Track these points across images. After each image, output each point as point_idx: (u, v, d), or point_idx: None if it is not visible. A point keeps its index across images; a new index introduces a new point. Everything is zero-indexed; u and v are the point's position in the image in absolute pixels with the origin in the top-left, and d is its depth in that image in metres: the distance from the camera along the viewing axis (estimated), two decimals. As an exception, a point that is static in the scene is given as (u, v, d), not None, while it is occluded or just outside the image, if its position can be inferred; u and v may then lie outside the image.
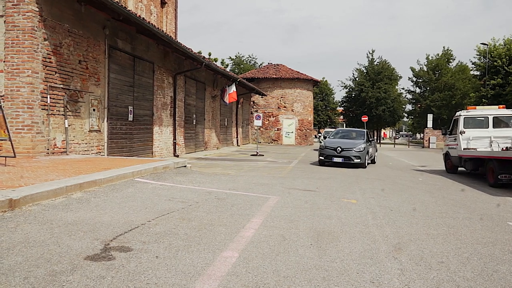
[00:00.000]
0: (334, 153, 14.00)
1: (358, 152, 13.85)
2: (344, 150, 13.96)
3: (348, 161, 13.76)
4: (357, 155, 13.76)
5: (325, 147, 14.46)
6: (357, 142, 14.51)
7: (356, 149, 13.96)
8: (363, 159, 13.89)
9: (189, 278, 2.92)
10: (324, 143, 14.88)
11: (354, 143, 14.47)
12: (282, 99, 33.77)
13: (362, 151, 13.94)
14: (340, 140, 15.29)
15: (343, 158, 13.79)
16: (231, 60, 57.17)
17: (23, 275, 2.77)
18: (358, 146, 14.08)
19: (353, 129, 19.87)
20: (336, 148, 14.11)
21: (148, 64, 13.90)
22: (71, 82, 9.76)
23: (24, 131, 8.51)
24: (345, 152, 13.89)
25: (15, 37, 8.55)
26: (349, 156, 13.76)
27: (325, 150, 14.37)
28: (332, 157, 13.98)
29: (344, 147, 14.07)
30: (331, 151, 14.16)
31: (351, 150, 13.93)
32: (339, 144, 14.34)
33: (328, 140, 15.45)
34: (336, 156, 13.93)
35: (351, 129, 20.16)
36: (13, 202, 4.44)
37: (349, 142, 14.61)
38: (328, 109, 59.42)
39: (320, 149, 14.70)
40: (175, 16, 22.97)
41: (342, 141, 15.02)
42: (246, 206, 5.78)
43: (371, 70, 51.34)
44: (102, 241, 3.61)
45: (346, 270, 3.32)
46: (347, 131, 17.70)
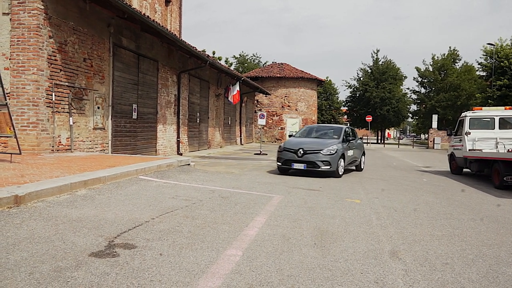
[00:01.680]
0: (294, 157, 10.35)
1: (327, 156, 10.25)
2: (307, 153, 10.33)
3: (312, 167, 10.24)
4: (325, 159, 10.19)
5: (283, 149, 10.71)
6: (327, 142, 10.90)
7: (324, 151, 10.32)
8: (335, 165, 10.25)
9: (193, 275, 2.92)
10: (283, 144, 11.21)
11: (323, 143, 10.88)
12: (286, 98, 33.75)
13: (333, 155, 10.31)
14: (305, 139, 11.63)
15: (305, 164, 10.23)
16: (235, 59, 57.16)
17: (29, 270, 2.78)
18: (327, 148, 10.41)
19: (329, 125, 16.52)
20: (297, 150, 10.40)
21: (152, 62, 13.92)
22: (76, 79, 9.79)
23: (29, 129, 8.55)
24: (308, 155, 10.30)
25: (20, 34, 8.59)
26: (314, 161, 10.19)
27: (283, 154, 10.65)
28: (292, 163, 10.33)
29: (307, 148, 10.43)
30: (290, 154, 10.46)
31: (318, 153, 10.31)
32: (302, 145, 10.67)
33: (289, 140, 11.84)
34: (296, 161, 10.32)
35: (326, 125, 15.62)
36: (19, 199, 4.47)
37: (316, 142, 11.05)
38: (332, 108, 59.32)
39: (278, 152, 10.93)
40: (179, 15, 23.01)
41: (308, 140, 11.40)
42: (249, 204, 5.78)
43: (376, 69, 51.19)
44: (106, 238, 3.62)
45: (350, 270, 3.31)
46: (321, 128, 13.38)
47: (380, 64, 52.08)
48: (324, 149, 10.41)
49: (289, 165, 10.42)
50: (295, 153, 10.44)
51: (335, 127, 13.14)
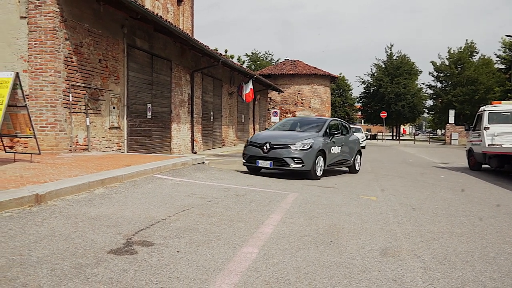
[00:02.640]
0: (259, 153, 8.80)
1: (300, 152, 8.58)
2: (274, 147, 8.71)
3: (280, 165, 8.67)
4: (296, 156, 8.53)
5: (250, 144, 9.31)
6: (301, 136, 9.19)
7: (296, 146, 8.65)
8: (309, 164, 8.57)
9: (210, 272, 2.94)
10: (250, 138, 9.84)
11: (296, 136, 9.18)
12: (299, 95, 33.64)
13: (306, 150, 8.63)
14: (278, 132, 9.96)
15: (271, 161, 8.67)
16: (247, 57, 57.24)
17: (50, 267, 2.84)
18: (300, 142, 8.73)
19: (316, 117, 13.69)
20: (262, 145, 8.83)
21: (165, 62, 14.02)
22: (91, 80, 9.93)
23: (48, 129, 8.71)
24: (276, 151, 8.68)
25: (37, 37, 8.75)
26: (282, 157, 8.58)
27: (247, 149, 9.24)
28: (257, 160, 8.84)
29: (276, 142, 8.80)
30: (255, 149, 8.97)
31: (287, 147, 8.66)
32: (271, 138, 9.07)
33: (259, 133, 10.62)
34: (261, 157, 8.77)
35: (312, 117, 13.30)
36: (39, 197, 4.56)
37: (288, 136, 9.34)
38: (346, 105, 58.96)
39: (244, 147, 9.61)
40: (191, 14, 23.12)
41: (279, 134, 9.75)
42: (264, 202, 5.79)
43: (390, 65, 50.70)
44: (124, 236, 3.67)
45: (367, 267, 3.29)
46: (305, 120, 11.34)
47: (395, 59, 51.56)
48: (296, 143, 8.67)
49: (254, 162, 8.84)
50: (261, 148, 8.79)
51: (318, 119, 11.17)
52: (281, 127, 10.69)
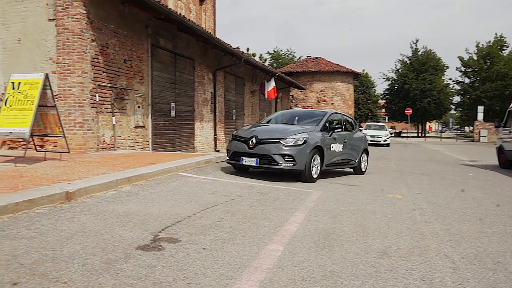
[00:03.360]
0: (244, 149, 7.65)
1: (291, 148, 7.36)
2: (261, 142, 7.52)
3: (267, 164, 7.42)
4: (286, 153, 7.32)
5: (234, 138, 8.19)
6: (295, 130, 7.91)
7: (287, 140, 7.43)
8: (302, 163, 7.36)
9: (235, 269, 2.97)
10: (236, 132, 8.67)
11: (288, 130, 7.88)
12: (321, 92, 33.38)
13: (299, 146, 7.40)
14: (268, 126, 8.71)
15: (258, 158, 7.45)
16: (269, 54, 57.12)
17: (81, 262, 2.93)
18: (292, 136, 7.52)
19: (313, 110, 12.03)
20: (248, 139, 7.68)
21: (188, 61, 14.17)
22: (117, 80, 10.14)
23: (76, 128, 8.95)
24: (263, 146, 7.47)
25: (65, 39, 8.99)
26: (269, 154, 7.37)
27: (232, 144, 8.11)
28: (241, 157, 7.68)
29: (263, 137, 7.62)
30: (240, 145, 7.82)
31: (277, 142, 7.44)
32: (258, 132, 7.87)
33: (246, 127, 9.19)
34: (246, 154, 7.62)
35: (310, 110, 11.59)
36: (69, 194, 4.71)
37: (279, 129, 8.07)
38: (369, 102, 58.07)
39: (229, 142, 8.51)
40: (213, 13, 23.24)
41: (270, 127, 8.51)
42: (288, 200, 5.78)
43: (415, 60, 49.60)
44: (151, 232, 3.74)
45: (394, 267, 3.24)
46: (303, 113, 9.99)
47: (420, 55, 50.41)
48: (287, 137, 7.44)
49: (238, 159, 7.69)
50: (246, 143, 7.59)
51: (320, 112, 9.51)
52: (276, 120, 9.45)
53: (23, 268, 2.77)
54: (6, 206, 4.04)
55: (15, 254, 3.03)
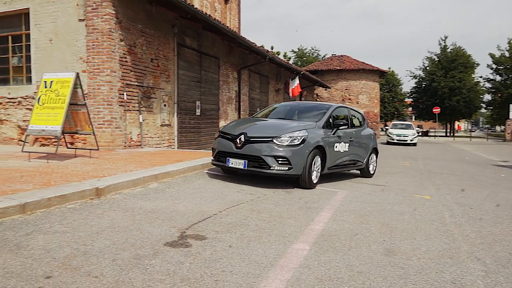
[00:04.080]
0: (231, 148, 6.52)
1: (286, 148, 6.21)
2: (251, 141, 6.36)
3: (258, 167, 6.24)
4: (280, 154, 6.17)
5: (220, 135, 7.02)
6: (292, 126, 6.69)
7: (282, 139, 6.27)
8: (299, 166, 6.23)
9: (262, 268, 2.97)
10: (222, 127, 7.36)
11: (283, 126, 6.69)
12: (346, 91, 32.99)
13: (296, 146, 6.25)
14: (260, 121, 7.57)
15: (246, 159, 6.30)
16: (293, 53, 56.88)
17: (112, 257, 3.00)
18: (288, 134, 6.34)
19: (316, 103, 9.12)
20: (236, 136, 6.54)
21: (214, 59, 14.26)
22: (144, 79, 10.32)
23: (104, 126, 9.17)
24: (252, 146, 6.31)
25: (95, 39, 9.20)
26: (259, 156, 6.21)
27: (217, 142, 6.96)
28: (227, 158, 6.52)
29: (253, 134, 6.47)
30: (226, 143, 6.67)
31: (269, 141, 6.27)
32: (248, 127, 6.84)
33: (234, 122, 7.88)
34: (232, 154, 6.48)
35: (311, 103, 9.26)
36: (99, 191, 4.83)
37: (273, 126, 6.89)
38: (395, 100, 57.01)
39: (215, 139, 7.24)
40: (238, 12, 23.32)
41: (262, 122, 7.35)
42: (313, 199, 5.74)
43: (444, 58, 48.33)
44: (178, 229, 3.79)
45: (423, 268, 3.18)
46: (300, 106, 8.69)
47: (449, 52, 49.08)
48: (281, 135, 6.25)
49: (224, 160, 6.52)
50: (233, 141, 6.46)
51: (324, 105, 8.13)
52: (271, 114, 8.17)
53: (56, 261, 2.86)
54: (39, 201, 4.18)
55: (48, 248, 3.13)
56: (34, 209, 4.11)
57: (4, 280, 2.51)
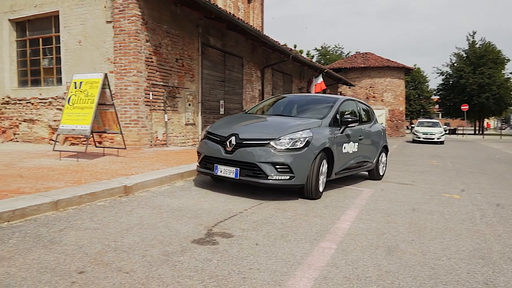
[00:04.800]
0: (219, 153, 5.41)
1: (287, 154, 5.12)
2: (244, 144, 5.25)
3: (252, 176, 5.15)
4: (280, 160, 5.08)
5: (207, 136, 5.81)
6: (294, 125, 5.60)
7: (282, 141, 5.18)
8: (303, 174, 5.19)
9: (289, 266, 2.97)
10: (209, 127, 6.07)
11: (283, 125, 5.59)
12: (371, 89, 32.55)
13: (300, 151, 5.18)
14: (254, 118, 6.36)
15: (238, 166, 5.21)
16: (316, 51, 56.48)
17: (141, 253, 3.06)
18: (289, 135, 5.26)
19: (319, 95, 7.95)
20: (225, 138, 5.43)
21: (237, 59, 14.33)
22: (169, 79, 10.47)
23: (131, 126, 9.36)
24: (245, 151, 5.20)
25: (122, 40, 9.40)
26: (255, 163, 5.10)
27: (204, 145, 5.76)
28: (215, 164, 5.42)
29: (246, 136, 5.34)
30: (214, 146, 5.54)
31: (266, 144, 5.16)
32: (240, 127, 5.67)
33: (224, 120, 6.48)
34: (221, 161, 5.39)
35: (313, 95, 8.45)
36: (127, 189, 4.94)
37: (269, 124, 5.88)
38: (421, 98, 55.84)
39: (200, 140, 6.15)
40: (261, 11, 23.33)
41: (256, 121, 6.15)
42: (339, 198, 5.70)
43: (472, 54, 46.97)
44: (205, 227, 3.84)
45: (454, 269, 3.11)
46: (301, 99, 7.37)
47: (477, 48, 47.65)
48: (281, 136, 5.16)
49: (211, 168, 5.42)
50: (222, 144, 5.36)
51: (329, 98, 7.01)
52: (268, 110, 7.07)
53: (88, 257, 2.95)
54: (71, 198, 4.31)
55: (80, 244, 3.23)
56: (66, 206, 4.24)
57: (39, 275, 2.60)
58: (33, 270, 2.68)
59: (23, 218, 3.82)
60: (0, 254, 2.93)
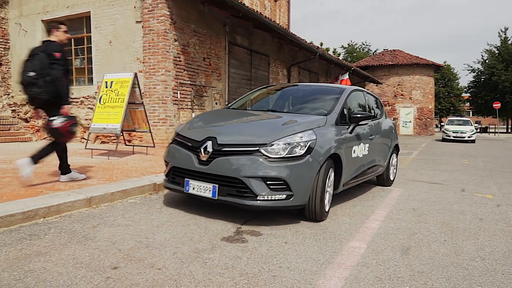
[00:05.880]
0: (191, 163, 3.98)
1: (281, 164, 3.73)
2: (223, 152, 3.83)
3: (235, 195, 3.77)
4: (272, 175, 3.68)
5: (175, 139, 4.43)
6: (289, 125, 4.13)
7: (274, 148, 3.78)
8: (304, 191, 3.86)
9: (319, 265, 2.97)
10: (178, 128, 4.72)
11: (274, 126, 4.17)
12: (399, 86, 31.90)
13: (299, 160, 3.81)
14: (236, 119, 4.80)
15: (217, 182, 3.81)
16: (343, 48, 55.79)
17: (172, 250, 3.12)
18: (284, 139, 3.86)
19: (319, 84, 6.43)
20: (200, 143, 3.99)
21: (263, 57, 14.33)
22: (196, 78, 10.59)
23: (159, 124, 9.52)
24: (226, 160, 3.78)
25: (151, 40, 9.57)
26: (239, 177, 3.70)
27: (171, 151, 4.35)
28: (185, 177, 4.03)
29: (227, 140, 3.90)
30: (184, 153, 4.11)
31: (252, 152, 3.77)
32: (217, 129, 4.21)
33: (200, 117, 4.99)
34: (195, 174, 3.97)
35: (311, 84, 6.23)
36: (157, 186, 5.04)
37: (257, 124, 4.45)
38: (451, 95, 54.27)
39: (168, 145, 4.62)
40: (288, 9, 23.24)
41: (238, 121, 4.63)
42: (368, 197, 5.63)
43: (505, 50, 45.25)
44: (234, 225, 3.87)
45: (488, 270, 3.02)
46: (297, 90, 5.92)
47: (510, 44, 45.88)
48: (275, 140, 3.86)
49: (181, 182, 4.12)
50: (194, 152, 4.04)
51: (332, 89, 5.62)
52: (257, 104, 5.75)
53: (121, 253, 3.03)
54: (103, 195, 4.43)
55: (113, 240, 3.31)
56: (99, 203, 4.37)
57: (74, 270, 2.69)
58: (68, 265, 2.77)
59: (58, 214, 3.96)
60: (37, 249, 3.04)
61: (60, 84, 4.63)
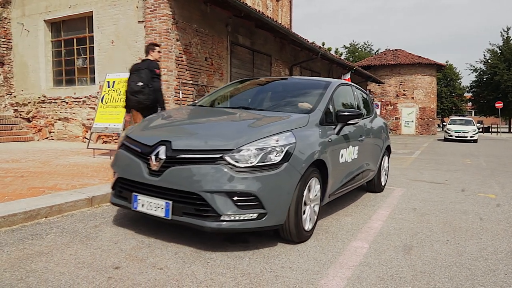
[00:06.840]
0: (140, 173, 3.19)
1: (249, 176, 2.95)
2: (179, 159, 3.05)
3: (193, 215, 2.99)
4: (239, 188, 2.92)
5: (124, 142, 3.53)
6: (262, 125, 3.39)
7: (243, 154, 3.00)
8: (280, 209, 3.10)
9: (321, 265, 2.96)
10: (128, 130, 3.78)
11: (243, 126, 3.41)
12: (401, 86, 31.85)
13: (272, 168, 3.04)
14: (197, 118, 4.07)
15: (171, 197, 3.05)
16: (345, 48, 55.73)
17: (174, 250, 3.12)
18: (256, 143, 3.07)
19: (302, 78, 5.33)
20: (151, 149, 3.19)
21: (266, 57, 14.33)
22: (198, 78, 10.59)
23: (161, 124, 9.52)
24: (182, 169, 3.00)
25: (153, 40, 9.56)
26: (198, 193, 2.93)
27: (119, 158, 3.53)
28: (133, 191, 3.27)
29: (183, 145, 3.11)
30: (133, 161, 3.30)
31: (215, 160, 2.98)
32: (172, 130, 3.57)
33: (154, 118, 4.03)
34: (144, 187, 3.20)
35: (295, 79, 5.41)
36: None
37: (220, 125, 3.54)
38: (453, 95, 54.19)
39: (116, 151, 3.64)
40: (290, 9, 23.23)
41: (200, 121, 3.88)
42: (370, 197, 5.62)
43: (507, 50, 45.11)
44: (236, 225, 3.86)
45: (491, 270, 3.01)
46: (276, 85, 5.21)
47: (513, 43, 45.74)
48: (243, 145, 3.06)
49: (128, 196, 3.36)
50: (144, 158, 3.24)
51: (316, 83, 4.80)
52: (228, 101, 5.09)
53: (123, 253, 3.03)
54: (105, 195, 4.44)
55: (115, 239, 3.32)
56: (100, 203, 4.38)
57: (76, 270, 2.69)
58: (70, 265, 2.77)
59: (60, 214, 3.96)
60: (39, 249, 3.05)
61: (159, 94, 5.94)
